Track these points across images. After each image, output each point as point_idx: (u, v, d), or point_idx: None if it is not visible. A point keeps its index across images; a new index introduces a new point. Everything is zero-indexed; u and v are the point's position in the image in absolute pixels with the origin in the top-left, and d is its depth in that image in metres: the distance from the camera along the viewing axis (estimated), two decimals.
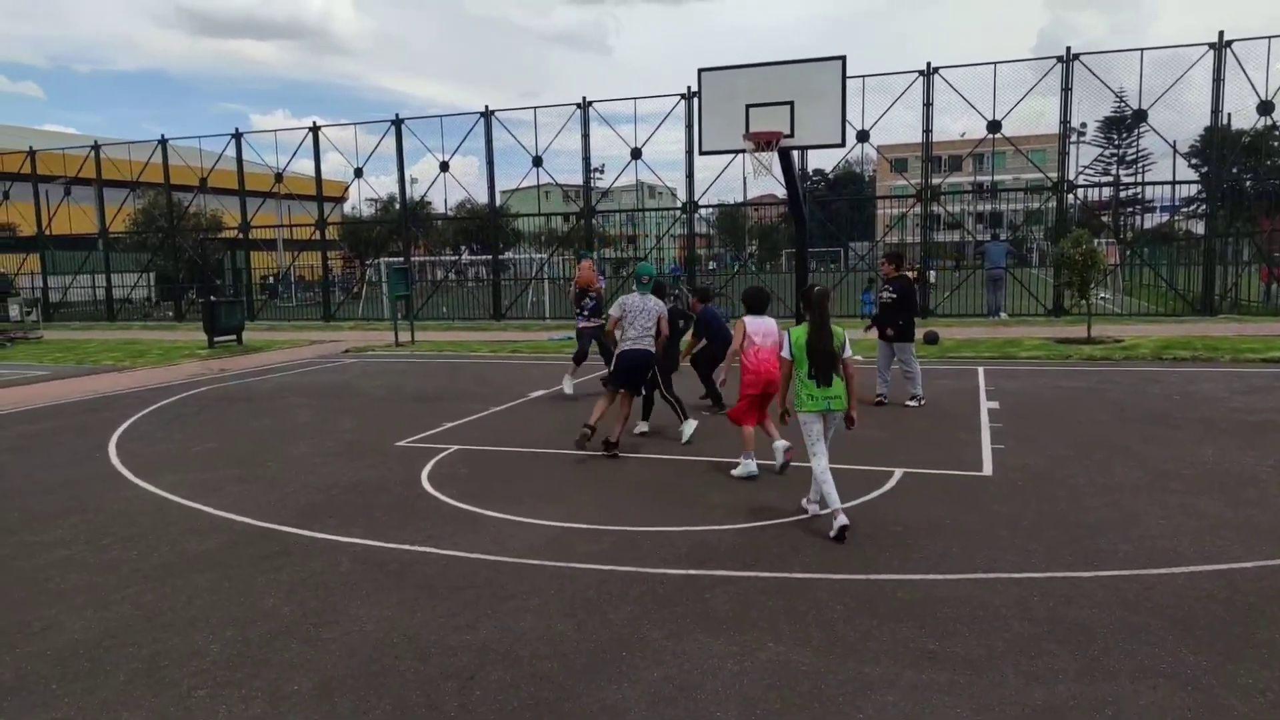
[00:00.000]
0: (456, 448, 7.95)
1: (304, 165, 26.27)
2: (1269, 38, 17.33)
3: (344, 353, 16.95)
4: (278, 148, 26.00)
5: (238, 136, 25.62)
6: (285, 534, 5.57)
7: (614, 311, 7.76)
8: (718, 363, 9.14)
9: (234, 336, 18.52)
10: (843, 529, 5.07)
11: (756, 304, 7.10)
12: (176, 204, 27.82)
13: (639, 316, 7.67)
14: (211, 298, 20.49)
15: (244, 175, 25.99)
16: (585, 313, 10.88)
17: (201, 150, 26.29)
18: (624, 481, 6.67)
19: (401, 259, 25.02)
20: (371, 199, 46.85)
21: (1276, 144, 19.42)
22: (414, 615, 4.21)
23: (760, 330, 6.89)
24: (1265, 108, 17.60)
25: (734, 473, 6.66)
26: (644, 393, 8.32)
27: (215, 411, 10.52)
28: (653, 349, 7.71)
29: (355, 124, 25.44)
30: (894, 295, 9.58)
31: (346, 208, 36.88)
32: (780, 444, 6.67)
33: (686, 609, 4.19)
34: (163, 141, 26.56)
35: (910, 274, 10.65)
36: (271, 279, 29.81)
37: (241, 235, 26.35)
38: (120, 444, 8.59)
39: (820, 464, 5.38)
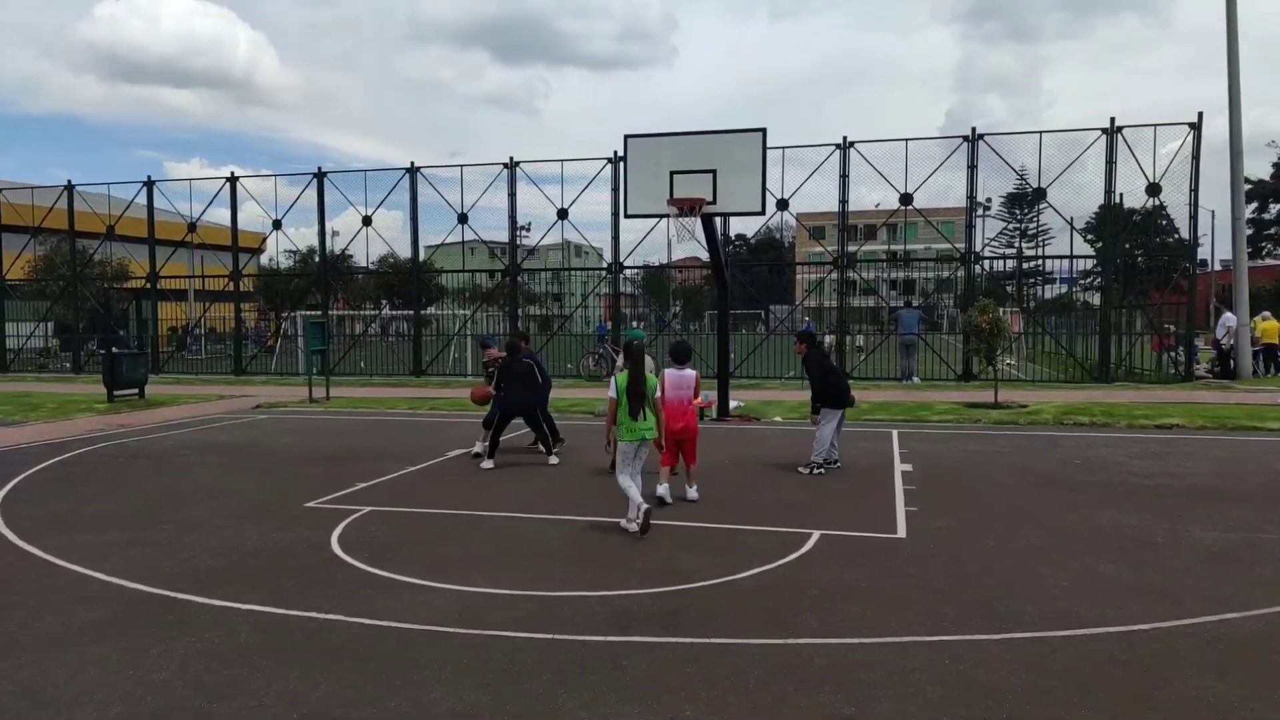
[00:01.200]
0: (370, 509, 7.69)
1: (219, 215, 25.60)
2: (1155, 125, 18.77)
3: (255, 408, 16.34)
4: (192, 197, 25.17)
5: (149, 184, 24.87)
6: (181, 601, 5.26)
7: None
8: None
9: (136, 390, 17.67)
10: (647, 513, 6.63)
11: (675, 356, 8.06)
12: (81, 252, 26.69)
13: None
14: (113, 349, 19.56)
15: (154, 224, 25.18)
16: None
17: (110, 197, 25.40)
18: (544, 545, 6.55)
19: (319, 312, 24.47)
20: (290, 251, 45.89)
21: (1164, 223, 20.79)
22: (317, 688, 4.00)
23: (673, 382, 7.87)
24: (1153, 189, 18.93)
25: (657, 492, 7.64)
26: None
27: (111, 470, 9.96)
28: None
29: (275, 175, 24.93)
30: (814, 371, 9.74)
31: (263, 259, 36.02)
32: (661, 488, 7.71)
33: (603, 677, 4.11)
34: (69, 187, 25.58)
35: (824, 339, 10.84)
36: (180, 331, 28.70)
37: (149, 285, 25.39)
38: (5, 504, 8.04)
39: (624, 480, 6.93)
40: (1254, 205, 50.84)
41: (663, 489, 7.75)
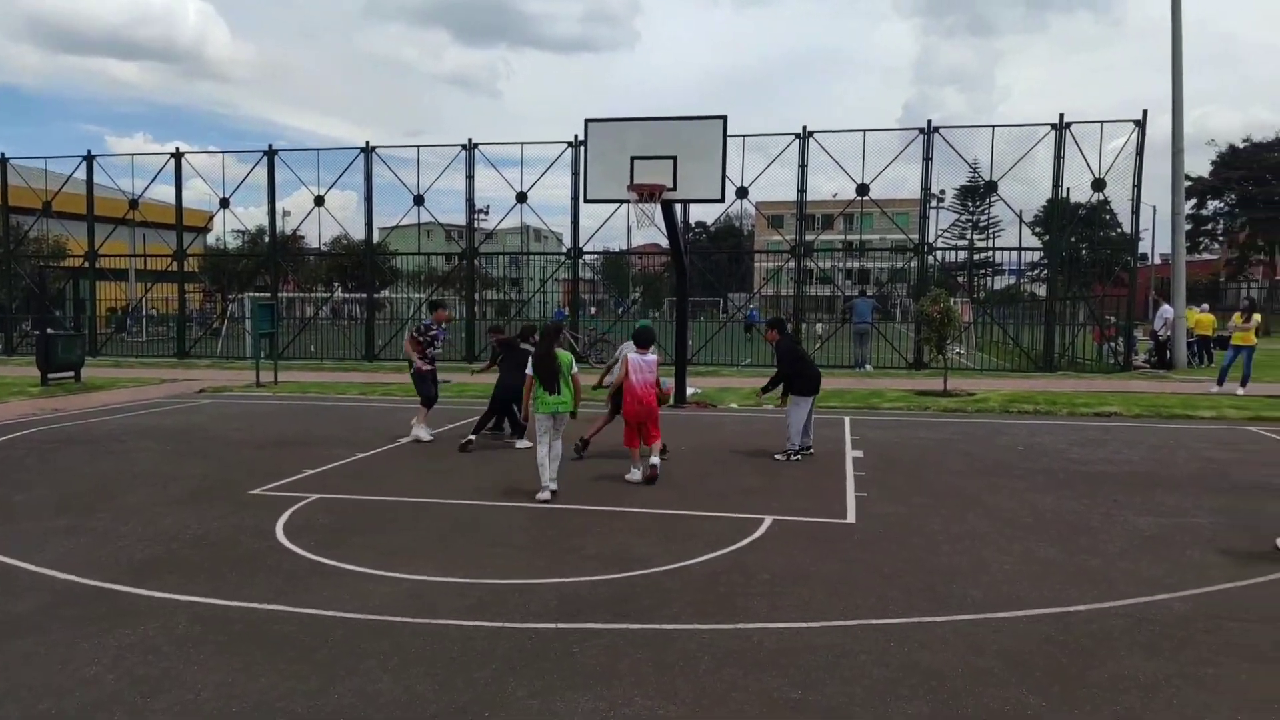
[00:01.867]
0: (317, 496, 7.55)
1: (164, 192, 24.79)
2: (1102, 122, 19.24)
3: (198, 393, 15.94)
4: (135, 173, 24.30)
5: (89, 159, 24.03)
6: (116, 593, 5.10)
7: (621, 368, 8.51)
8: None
9: (72, 373, 17.09)
10: (552, 494, 7.30)
11: (638, 340, 8.36)
12: (15, 228, 25.70)
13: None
14: (48, 330, 18.89)
15: (94, 200, 24.35)
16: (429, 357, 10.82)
17: (48, 171, 24.51)
18: (497, 531, 6.50)
19: (268, 294, 23.93)
20: (239, 230, 44.85)
21: (1108, 217, 21.33)
22: (258, 680, 3.92)
23: (635, 365, 8.16)
24: (1098, 184, 19.41)
25: (626, 477, 8.08)
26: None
27: (44, 456, 9.63)
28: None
29: (224, 152, 24.42)
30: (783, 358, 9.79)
31: (210, 238, 35.11)
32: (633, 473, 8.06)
33: (553, 664, 4.09)
34: (2, 160, 24.59)
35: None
36: (120, 312, 27.84)
37: (87, 264, 24.56)
38: None
39: (540, 451, 7.48)
40: (1193, 202, 52.41)
41: (634, 474, 8.07)
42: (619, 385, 8.52)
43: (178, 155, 23.77)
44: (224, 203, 23.87)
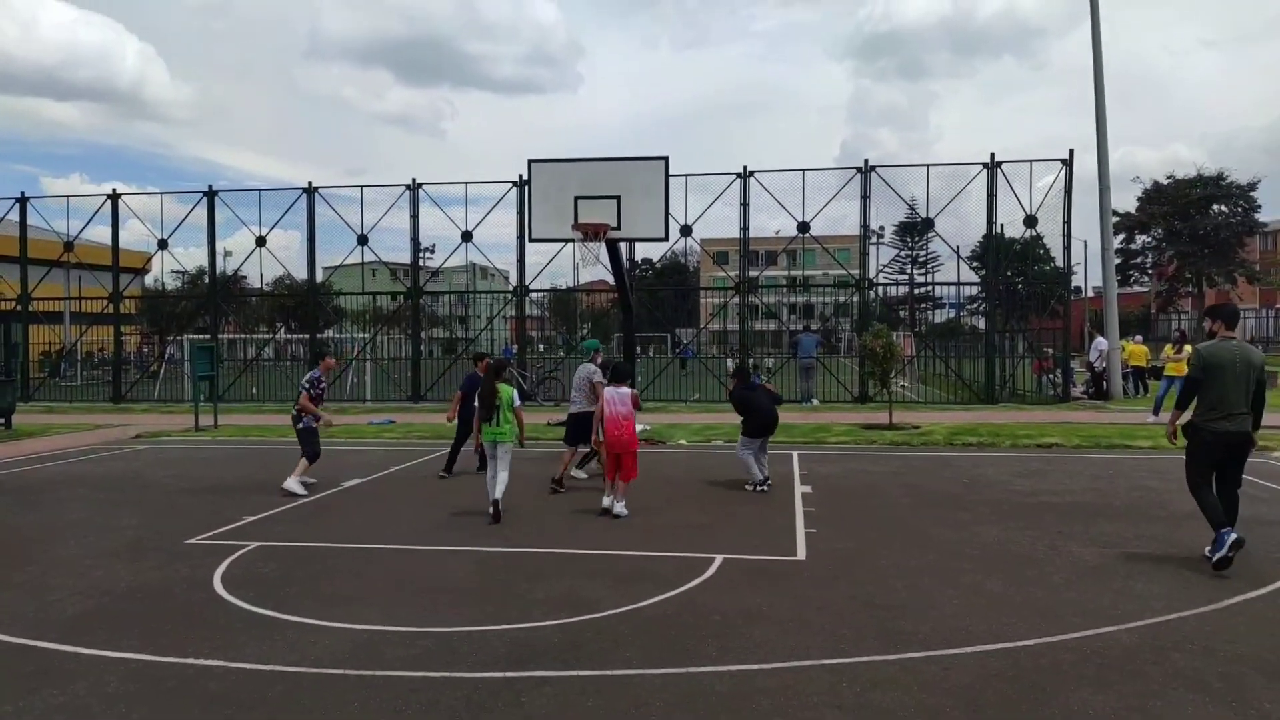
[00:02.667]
0: (257, 544, 7.32)
1: (101, 234, 24.12)
2: (1031, 161, 19.99)
3: (134, 438, 15.41)
4: (70, 214, 23.61)
5: (23, 200, 23.35)
6: (43, 650, 4.86)
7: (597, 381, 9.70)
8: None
9: (2, 420, 16.41)
10: (493, 512, 7.98)
11: (615, 376, 8.73)
12: None
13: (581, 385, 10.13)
14: None
15: (27, 242, 23.60)
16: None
17: None
18: (444, 578, 6.37)
19: (208, 336, 23.35)
20: (178, 271, 43.88)
21: (1041, 252, 22.08)
22: None
23: (609, 398, 8.44)
24: (1030, 221, 20.12)
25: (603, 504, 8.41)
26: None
27: None
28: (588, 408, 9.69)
29: (162, 193, 23.82)
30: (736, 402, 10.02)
31: (148, 280, 34.24)
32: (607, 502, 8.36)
33: (502, 715, 3.99)
34: None
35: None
36: (54, 356, 26.87)
37: (19, 307, 23.72)
38: None
39: (487, 474, 8.43)
40: (1122, 236, 54.54)
41: (607, 501, 8.37)
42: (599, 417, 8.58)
43: (115, 196, 23.23)
44: (162, 244, 23.35)
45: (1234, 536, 6.11)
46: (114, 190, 23.31)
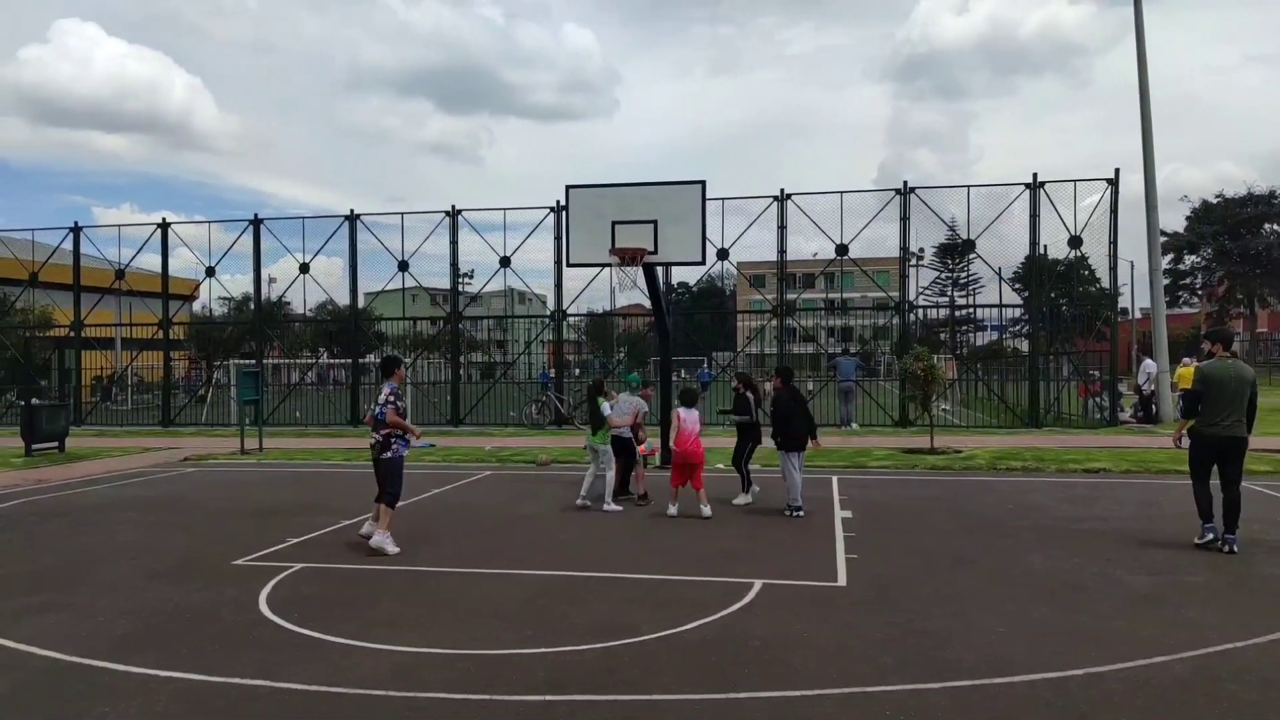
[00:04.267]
0: (301, 566, 7.43)
1: (150, 262, 24.89)
2: (1075, 180, 19.71)
3: (182, 461, 15.76)
4: (121, 243, 24.39)
5: (76, 230, 24.17)
6: (95, 670, 4.98)
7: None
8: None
9: (56, 444, 16.89)
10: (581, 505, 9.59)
11: (685, 399, 9.75)
12: (2, 299, 25.66)
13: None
14: (32, 400, 18.72)
15: (80, 270, 24.40)
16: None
17: (35, 243, 24.59)
18: (482, 601, 6.40)
19: (253, 361, 23.86)
20: (224, 298, 44.93)
21: (1086, 273, 21.72)
22: None
23: (685, 418, 9.52)
24: (1075, 241, 19.80)
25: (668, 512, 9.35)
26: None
27: (25, 529, 9.46)
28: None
29: (209, 221, 24.55)
30: (772, 408, 9.95)
31: (196, 306, 35.13)
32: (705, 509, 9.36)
33: None
34: None
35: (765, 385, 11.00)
36: (105, 380, 27.66)
37: (73, 333, 24.49)
38: None
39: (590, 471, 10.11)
40: (1170, 256, 53.49)
41: (673, 509, 9.37)
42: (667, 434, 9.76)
43: (164, 225, 23.94)
44: (210, 271, 23.97)
45: (1211, 536, 7.50)
46: (163, 219, 24.06)
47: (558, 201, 20.45)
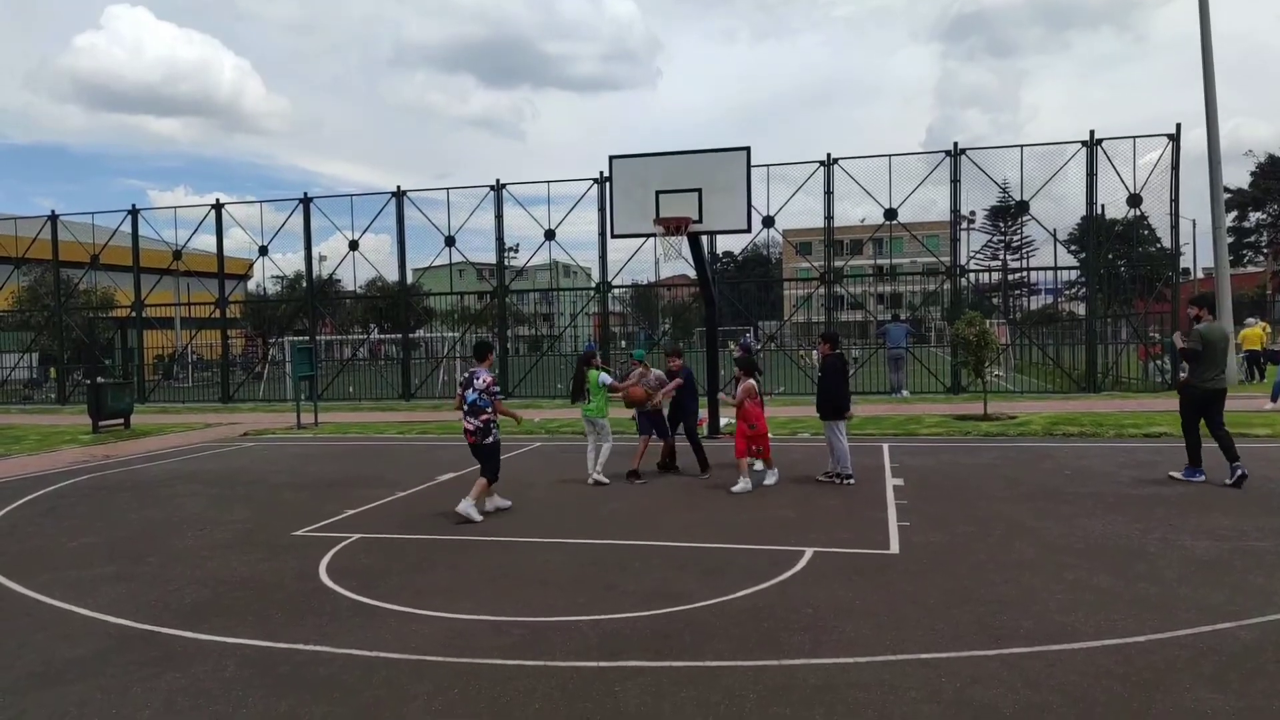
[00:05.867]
0: (358, 536, 7.61)
1: (205, 242, 25.54)
2: (1134, 137, 18.99)
3: (241, 436, 16.21)
4: (177, 224, 25.18)
5: (134, 212, 24.80)
6: (166, 636, 5.17)
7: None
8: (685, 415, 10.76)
9: (122, 420, 17.51)
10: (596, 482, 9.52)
11: (747, 366, 9.84)
12: (66, 281, 26.54)
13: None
14: (98, 379, 19.40)
15: (140, 252, 25.09)
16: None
17: (95, 226, 25.31)
18: (534, 569, 6.49)
19: (307, 337, 24.37)
20: (277, 276, 45.90)
21: (1145, 233, 20.96)
22: None
23: (748, 389, 9.39)
24: (1134, 200, 19.12)
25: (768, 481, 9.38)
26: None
27: (95, 502, 9.84)
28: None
29: (261, 201, 24.91)
30: (820, 373, 9.88)
31: (250, 285, 35.91)
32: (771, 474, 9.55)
33: (596, 704, 4.05)
34: (53, 217, 25.46)
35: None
36: (166, 359, 28.54)
37: (134, 314, 25.25)
38: None
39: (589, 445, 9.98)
40: (1234, 214, 51.46)
41: (744, 484, 9.18)
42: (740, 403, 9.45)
43: (218, 206, 24.43)
44: (263, 250, 24.43)
45: (1202, 476, 8.85)
46: (217, 200, 24.54)
47: (601, 173, 20.37)
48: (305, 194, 23.68)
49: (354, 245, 23.52)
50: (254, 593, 6.02)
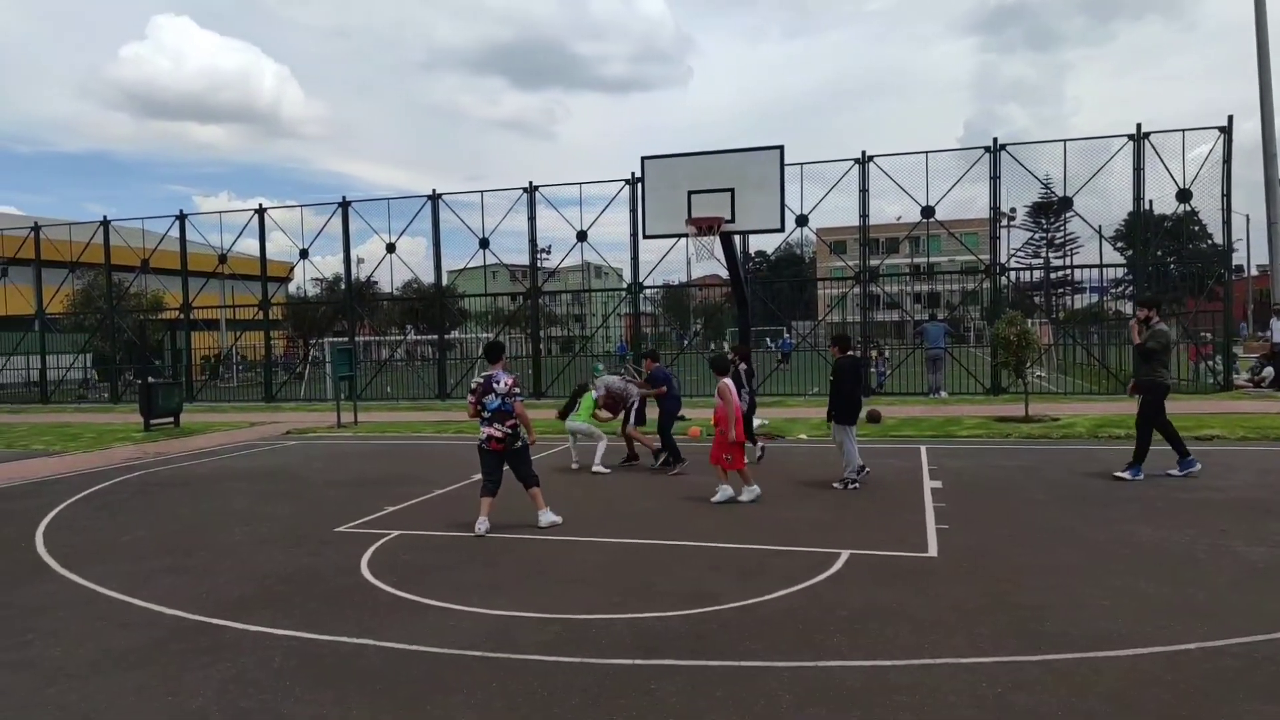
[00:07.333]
0: (398, 533, 7.73)
1: (249, 246, 26.02)
2: (1183, 130, 18.50)
3: (285, 435, 16.53)
4: (222, 229, 25.66)
5: (181, 218, 25.40)
6: (217, 627, 5.31)
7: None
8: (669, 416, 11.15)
9: (171, 419, 17.95)
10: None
11: (719, 366, 9.39)
12: (117, 285, 27.26)
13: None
14: (149, 379, 19.90)
15: (187, 256, 25.68)
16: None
17: (144, 231, 25.97)
18: (571, 567, 6.54)
19: (346, 339, 24.75)
20: (317, 279, 46.59)
21: (1196, 229, 20.45)
22: (349, 713, 4.02)
23: (734, 389, 8.77)
24: (1184, 195, 18.64)
25: (742, 498, 8.61)
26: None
27: (148, 498, 10.10)
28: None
29: (301, 206, 25.36)
30: (831, 377, 9.77)
31: (291, 287, 36.60)
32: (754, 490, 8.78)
33: (633, 701, 4.07)
34: (105, 223, 26.18)
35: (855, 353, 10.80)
36: (213, 359, 29.18)
37: (183, 316, 25.85)
38: (47, 533, 8.18)
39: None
40: None
41: (748, 492, 8.71)
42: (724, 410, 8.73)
43: (261, 211, 24.92)
44: (303, 253, 24.89)
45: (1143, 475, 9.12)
46: (260, 205, 25.05)
47: (633, 173, 20.41)
48: (344, 198, 24.08)
49: (391, 248, 23.83)
50: (298, 587, 6.15)
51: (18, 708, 4.19)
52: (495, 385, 7.69)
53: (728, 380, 8.82)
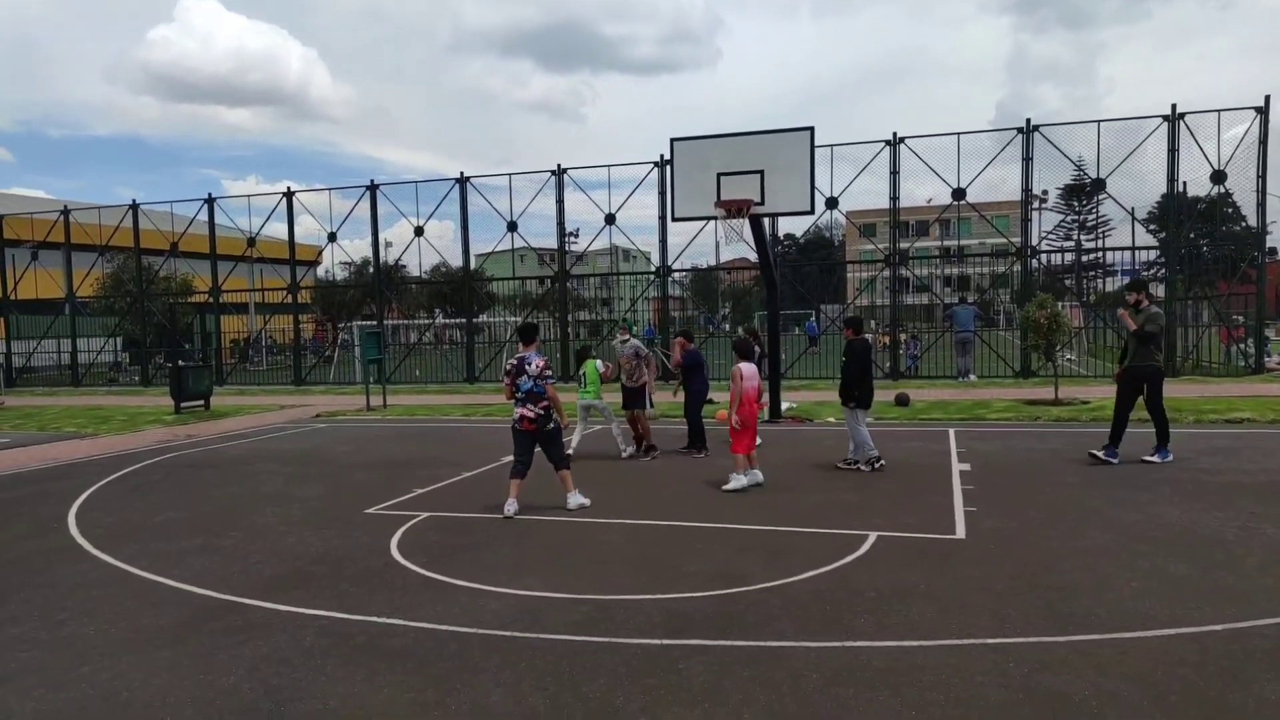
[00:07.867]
0: (427, 514, 7.83)
1: (277, 229, 26.26)
2: (1219, 111, 18.11)
3: (314, 418, 16.74)
4: (250, 212, 25.91)
5: (210, 201, 25.70)
6: (248, 607, 5.42)
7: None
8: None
9: (202, 402, 18.25)
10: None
11: (743, 351, 8.87)
12: (147, 268, 27.67)
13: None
14: (179, 362, 20.23)
15: (216, 239, 25.98)
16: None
17: (173, 215, 26.30)
18: (599, 548, 6.59)
19: (374, 322, 24.98)
20: (345, 262, 46.98)
21: (1230, 211, 20.03)
22: (380, 692, 4.09)
23: (747, 374, 8.57)
24: (1218, 177, 18.29)
25: (727, 487, 8.36)
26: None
27: (179, 479, 10.30)
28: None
29: (329, 189, 25.54)
30: (844, 358, 9.72)
31: (319, 271, 36.92)
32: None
33: (661, 680, 4.11)
34: (134, 206, 26.54)
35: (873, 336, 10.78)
36: (242, 343, 29.58)
37: (212, 299, 26.21)
38: (80, 514, 8.38)
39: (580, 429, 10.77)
40: None
41: (736, 480, 8.50)
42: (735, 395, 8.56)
43: (289, 194, 25.13)
44: (332, 237, 25.09)
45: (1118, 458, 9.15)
46: (288, 188, 25.25)
47: (661, 156, 20.34)
48: (372, 181, 24.23)
49: (419, 231, 23.98)
50: (329, 567, 6.25)
51: (51, 685, 4.31)
52: (527, 367, 7.83)
53: (741, 365, 8.67)
